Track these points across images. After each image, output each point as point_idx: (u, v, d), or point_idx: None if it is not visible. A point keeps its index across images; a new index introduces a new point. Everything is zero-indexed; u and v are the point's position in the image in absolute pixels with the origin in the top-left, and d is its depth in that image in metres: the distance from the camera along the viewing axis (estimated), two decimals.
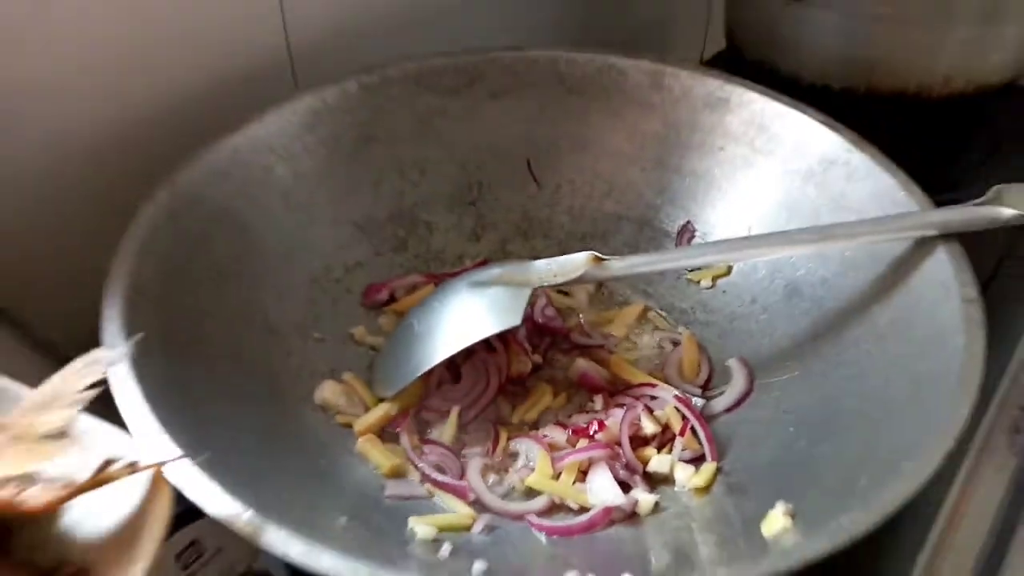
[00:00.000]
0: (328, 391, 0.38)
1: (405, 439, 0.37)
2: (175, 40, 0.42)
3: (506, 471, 0.36)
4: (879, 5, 0.50)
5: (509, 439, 0.37)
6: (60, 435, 0.23)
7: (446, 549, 0.32)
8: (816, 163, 0.43)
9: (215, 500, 0.26)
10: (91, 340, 0.29)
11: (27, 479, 0.23)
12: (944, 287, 0.34)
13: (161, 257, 0.35)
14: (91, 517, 0.24)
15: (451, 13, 0.56)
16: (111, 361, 0.24)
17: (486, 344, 0.39)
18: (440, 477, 0.35)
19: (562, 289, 0.44)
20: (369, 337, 0.42)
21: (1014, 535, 0.44)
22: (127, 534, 0.23)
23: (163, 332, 0.33)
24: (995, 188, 0.38)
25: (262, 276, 0.40)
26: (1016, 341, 0.46)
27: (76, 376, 0.24)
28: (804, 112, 0.44)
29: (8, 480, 0.23)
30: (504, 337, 0.40)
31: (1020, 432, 0.47)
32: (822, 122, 0.43)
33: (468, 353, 0.39)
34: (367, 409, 0.38)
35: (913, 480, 0.27)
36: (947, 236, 0.36)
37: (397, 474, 0.36)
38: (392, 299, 0.44)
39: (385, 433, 0.38)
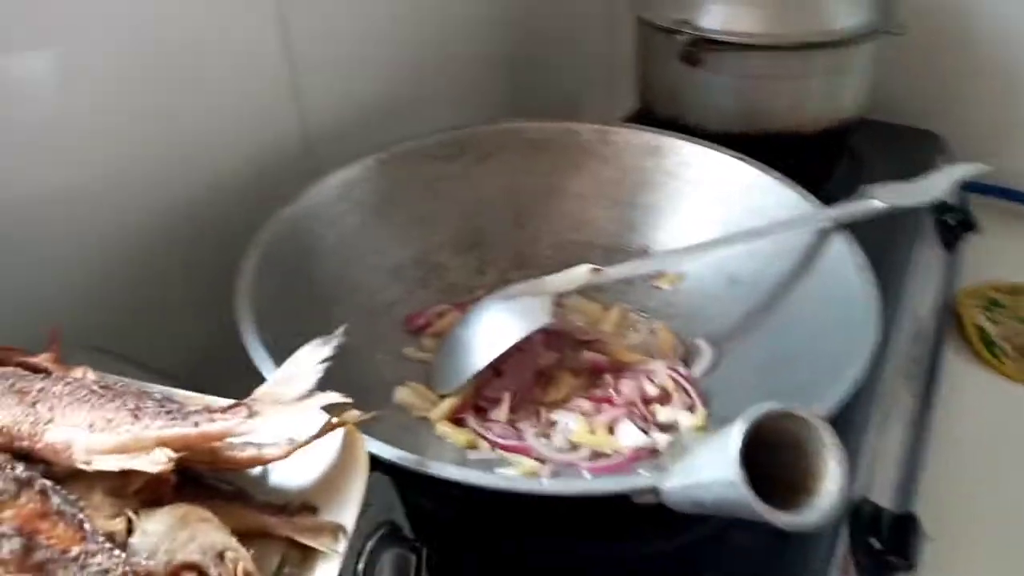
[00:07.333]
0: (403, 394, 0.48)
1: (472, 421, 0.47)
2: (203, 138, 0.52)
3: (550, 436, 0.47)
4: (758, 68, 0.66)
5: (548, 412, 0.48)
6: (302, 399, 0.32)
7: None
8: (736, 188, 0.57)
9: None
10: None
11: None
12: (841, 260, 0.48)
13: (262, 295, 0.44)
14: (301, 466, 0.33)
15: (422, 103, 0.69)
16: (331, 343, 0.34)
17: (515, 347, 0.50)
18: (509, 442, 0.46)
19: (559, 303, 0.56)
20: (418, 354, 0.53)
21: (923, 445, 0.59)
22: (337, 477, 0.32)
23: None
24: (862, 188, 0.53)
25: (331, 311, 0.50)
26: (900, 308, 0.61)
27: (308, 357, 0.33)
28: (720, 151, 0.58)
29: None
30: (529, 340, 0.51)
31: (912, 377, 0.63)
32: (735, 157, 0.57)
33: (505, 355, 0.50)
34: (435, 405, 0.48)
35: (852, 377, 0.39)
36: (839, 226, 0.50)
37: (471, 446, 0.46)
38: (428, 324, 0.55)
39: (454, 419, 0.48)
